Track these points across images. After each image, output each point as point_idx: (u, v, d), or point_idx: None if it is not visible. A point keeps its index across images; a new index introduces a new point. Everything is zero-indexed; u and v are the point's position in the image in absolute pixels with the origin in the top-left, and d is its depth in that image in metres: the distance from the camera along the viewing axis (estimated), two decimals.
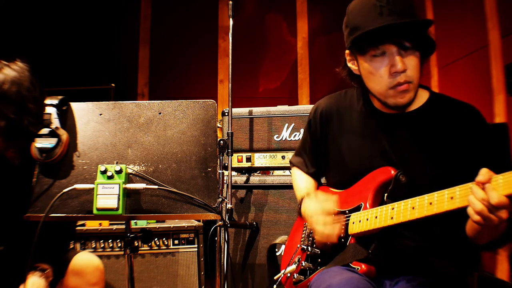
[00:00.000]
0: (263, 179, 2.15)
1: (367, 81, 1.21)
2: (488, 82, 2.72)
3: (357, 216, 1.20)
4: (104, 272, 1.54)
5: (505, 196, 0.84)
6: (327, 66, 4.11)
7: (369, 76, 1.18)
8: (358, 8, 1.16)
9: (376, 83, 1.17)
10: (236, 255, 2.11)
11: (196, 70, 4.20)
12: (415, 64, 1.14)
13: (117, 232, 2.08)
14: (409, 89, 1.14)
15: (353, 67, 1.27)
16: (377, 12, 1.09)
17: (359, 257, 1.13)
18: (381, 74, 1.14)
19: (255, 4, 4.29)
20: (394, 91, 1.14)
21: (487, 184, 0.86)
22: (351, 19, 1.18)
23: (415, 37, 1.12)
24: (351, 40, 1.17)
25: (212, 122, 1.34)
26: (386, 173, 1.18)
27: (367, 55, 1.16)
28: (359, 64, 1.22)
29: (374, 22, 1.09)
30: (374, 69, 1.15)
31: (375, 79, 1.17)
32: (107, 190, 1.20)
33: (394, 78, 1.12)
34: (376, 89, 1.19)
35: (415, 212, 1.01)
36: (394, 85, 1.13)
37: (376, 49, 1.13)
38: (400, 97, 1.15)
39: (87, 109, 1.37)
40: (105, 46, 4.12)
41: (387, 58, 1.13)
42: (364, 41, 1.14)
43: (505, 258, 2.45)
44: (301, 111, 2.16)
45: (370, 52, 1.14)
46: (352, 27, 1.17)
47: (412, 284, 1.12)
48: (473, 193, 0.88)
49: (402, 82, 1.12)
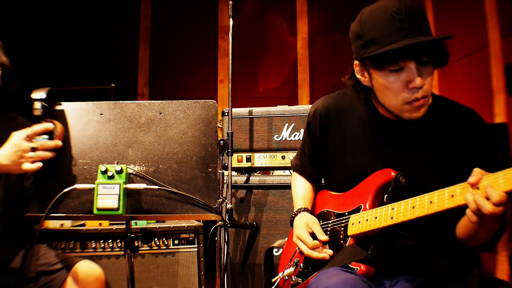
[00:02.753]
0: (263, 179, 2.15)
1: (380, 95, 1.18)
2: (488, 82, 2.72)
3: (356, 218, 1.20)
4: (105, 282, 1.55)
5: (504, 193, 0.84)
6: (327, 66, 4.11)
7: (384, 90, 1.14)
8: (373, 20, 1.10)
9: (391, 98, 1.14)
10: (236, 255, 2.11)
11: (196, 70, 4.20)
12: (431, 78, 1.11)
13: (117, 232, 2.08)
14: (425, 104, 1.12)
15: (363, 79, 1.22)
16: (396, 27, 1.05)
17: (358, 257, 1.13)
18: (398, 90, 1.10)
19: (255, 4, 4.29)
20: (411, 106, 1.11)
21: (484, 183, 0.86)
22: (366, 31, 1.11)
23: (433, 53, 1.08)
24: (368, 55, 1.10)
25: (212, 122, 1.34)
26: (386, 175, 1.18)
27: (383, 71, 1.11)
28: (372, 77, 1.17)
29: (394, 38, 1.04)
30: (390, 84, 1.11)
31: (390, 94, 1.13)
32: (108, 190, 1.20)
33: (412, 94, 1.09)
34: (391, 103, 1.15)
35: (415, 211, 1.01)
36: (411, 101, 1.10)
37: (394, 65, 1.08)
38: (416, 112, 1.12)
39: (87, 109, 1.36)
40: (105, 46, 4.11)
41: (405, 74, 1.08)
42: (381, 57, 1.08)
43: (505, 258, 2.45)
44: (301, 111, 2.16)
45: (388, 68, 1.09)
46: (367, 40, 1.11)
47: (411, 284, 1.12)
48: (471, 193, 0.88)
49: (420, 98, 1.09)
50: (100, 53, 4.09)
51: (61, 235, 2.04)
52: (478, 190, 0.88)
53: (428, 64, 1.09)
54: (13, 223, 1.56)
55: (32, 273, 1.47)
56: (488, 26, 2.72)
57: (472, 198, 0.87)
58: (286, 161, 2.16)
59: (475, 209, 0.87)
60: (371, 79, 1.19)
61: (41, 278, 1.48)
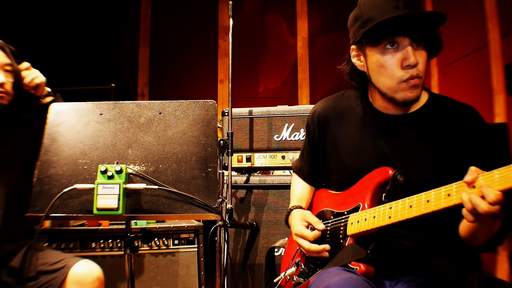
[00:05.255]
0: (263, 179, 2.15)
1: (375, 76, 1.20)
2: (488, 82, 2.72)
3: (355, 217, 1.20)
4: (104, 282, 1.54)
5: (500, 192, 0.83)
6: (327, 66, 4.11)
7: (379, 69, 1.17)
8: (371, 2, 1.16)
9: (387, 76, 1.16)
10: (236, 255, 2.11)
11: (196, 70, 4.20)
12: (425, 60, 1.14)
13: (117, 232, 2.08)
14: (418, 85, 1.14)
15: (359, 63, 1.26)
16: (392, 6, 1.09)
17: (358, 257, 1.13)
18: (393, 67, 1.13)
19: (255, 4, 4.29)
20: (406, 84, 1.13)
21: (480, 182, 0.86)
22: (364, 11, 1.17)
23: (426, 33, 1.12)
24: (363, 32, 1.14)
25: (212, 122, 1.34)
26: (384, 173, 1.18)
27: (379, 47, 1.14)
28: (368, 57, 1.20)
29: (390, 15, 1.08)
30: (385, 62, 1.14)
31: (386, 72, 1.15)
32: (108, 190, 1.20)
33: (407, 71, 1.12)
34: (386, 83, 1.17)
35: (412, 211, 1.01)
36: (407, 79, 1.12)
37: (389, 40, 1.12)
38: (410, 91, 1.14)
39: (87, 109, 1.37)
40: (105, 46, 4.12)
41: (400, 51, 1.12)
42: (377, 32, 1.12)
43: (505, 258, 2.45)
44: (301, 111, 2.16)
45: (383, 43, 1.13)
46: (364, 20, 1.15)
47: (411, 284, 1.12)
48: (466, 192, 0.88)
49: (415, 76, 1.12)
50: (100, 53, 4.09)
51: (61, 235, 2.04)
52: (474, 189, 0.88)
53: (421, 45, 1.13)
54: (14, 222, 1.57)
55: (32, 273, 1.48)
56: (488, 26, 2.72)
57: (468, 198, 0.87)
58: (286, 161, 2.16)
59: (470, 208, 0.87)
60: (366, 61, 1.22)
61: (40, 277, 1.49)
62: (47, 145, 1.32)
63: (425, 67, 1.15)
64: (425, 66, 1.15)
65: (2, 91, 1.54)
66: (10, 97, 1.58)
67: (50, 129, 1.34)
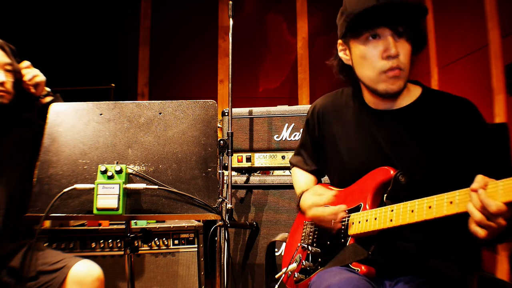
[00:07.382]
0: (263, 179, 2.15)
1: (358, 68, 1.21)
2: (488, 82, 2.72)
3: (356, 217, 1.20)
4: (104, 282, 1.54)
5: (504, 204, 0.82)
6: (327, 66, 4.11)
7: (361, 61, 1.18)
8: None
9: (368, 67, 1.17)
10: (236, 255, 2.11)
11: (196, 70, 4.20)
12: (407, 53, 1.14)
13: (117, 232, 2.08)
14: (400, 76, 1.14)
15: (345, 57, 1.27)
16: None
17: (359, 257, 1.13)
18: (374, 58, 1.14)
19: (255, 4, 4.29)
20: (386, 75, 1.14)
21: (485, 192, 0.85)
22: (348, 6, 1.19)
23: (409, 26, 1.13)
24: (346, 25, 1.17)
25: (212, 122, 1.34)
26: (386, 174, 1.17)
27: (361, 38, 1.15)
28: (352, 50, 1.21)
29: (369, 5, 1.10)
30: (367, 53, 1.15)
31: (367, 63, 1.16)
32: (107, 190, 1.20)
33: (387, 62, 1.12)
34: (367, 74, 1.18)
35: (414, 216, 1.00)
36: (387, 69, 1.13)
37: (370, 31, 1.13)
38: (391, 83, 1.14)
39: (87, 109, 1.37)
40: (105, 46, 4.12)
41: (381, 43, 1.13)
42: (359, 24, 1.14)
43: (505, 258, 2.45)
44: (301, 111, 2.17)
45: (364, 34, 1.15)
46: (348, 13, 1.17)
47: (412, 284, 1.12)
48: (472, 202, 0.87)
49: (395, 67, 1.12)
50: (100, 53, 4.09)
51: (61, 235, 2.04)
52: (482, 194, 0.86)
53: (404, 37, 1.13)
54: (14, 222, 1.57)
55: (32, 272, 1.48)
56: (488, 26, 2.72)
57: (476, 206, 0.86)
58: (286, 161, 2.16)
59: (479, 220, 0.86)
60: (351, 55, 1.23)
61: (40, 277, 1.49)
62: (47, 145, 1.32)
63: (409, 59, 1.16)
64: (409, 59, 1.15)
65: (2, 90, 1.54)
66: (11, 96, 1.58)
67: (50, 129, 1.34)
